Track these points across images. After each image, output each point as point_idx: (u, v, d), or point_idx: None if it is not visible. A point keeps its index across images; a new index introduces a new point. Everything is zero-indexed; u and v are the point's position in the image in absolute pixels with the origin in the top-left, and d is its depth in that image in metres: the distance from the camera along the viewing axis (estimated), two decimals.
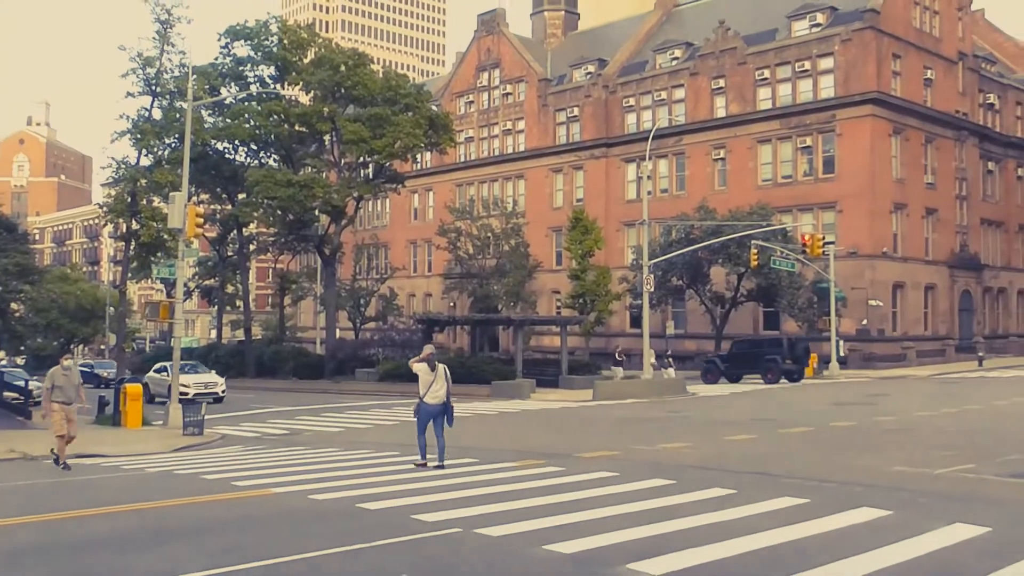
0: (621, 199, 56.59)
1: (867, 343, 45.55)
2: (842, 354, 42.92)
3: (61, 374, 16.05)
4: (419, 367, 14.65)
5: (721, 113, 52.31)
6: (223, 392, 34.92)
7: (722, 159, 51.92)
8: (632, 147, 55.42)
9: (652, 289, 38.94)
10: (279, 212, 47.17)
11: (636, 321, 51.49)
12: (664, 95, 54.87)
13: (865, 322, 45.68)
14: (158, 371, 36.62)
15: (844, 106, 46.80)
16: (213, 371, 38.31)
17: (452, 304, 63.26)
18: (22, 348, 76.71)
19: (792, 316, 43.80)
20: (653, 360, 37.28)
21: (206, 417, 23.18)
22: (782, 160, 49.68)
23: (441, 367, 14.67)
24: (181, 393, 27.90)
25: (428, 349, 12.97)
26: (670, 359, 41.13)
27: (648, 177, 47.27)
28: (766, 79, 50.07)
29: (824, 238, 40.64)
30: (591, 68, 59.88)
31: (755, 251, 38.03)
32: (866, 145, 46.29)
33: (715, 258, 43.67)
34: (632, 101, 56.61)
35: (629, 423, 22.30)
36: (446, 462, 14.20)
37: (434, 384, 14.50)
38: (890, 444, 16.37)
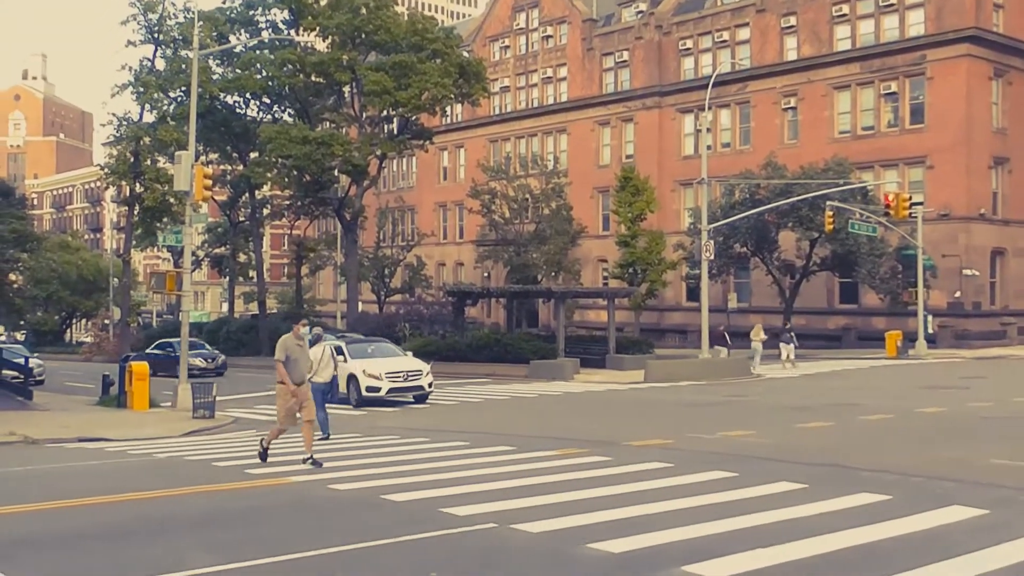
0: (677, 155, 56.08)
1: (960, 319, 44.82)
2: (931, 331, 42.26)
3: (295, 344, 13.54)
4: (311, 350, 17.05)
5: (792, 55, 51.49)
6: (430, 387, 25.26)
7: (792, 108, 51.20)
8: (689, 96, 54.79)
9: (712, 257, 38.60)
10: (295, 172, 47.48)
11: (693, 293, 51.20)
12: (726, 35, 54.12)
13: (958, 294, 44.92)
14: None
15: (936, 45, 45.75)
16: (409, 352, 28.26)
17: (486, 274, 63.34)
18: (21, 323, 78.48)
19: (872, 288, 43.27)
20: (762, 337, 36.64)
21: (217, 399, 23.53)
22: (862, 109, 48.86)
23: (326, 346, 18.10)
24: (369, 389, 24.23)
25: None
26: (791, 334, 37.84)
27: (707, 130, 46.79)
28: (844, 15, 49.13)
29: (911, 198, 40.00)
30: (642, 6, 59.18)
31: (830, 213, 37.54)
32: (961, 90, 45.27)
33: (784, 221, 43.21)
34: (689, 43, 55.90)
35: (685, 408, 22.22)
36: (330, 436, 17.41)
37: (322, 361, 17.75)
38: (986, 434, 16.11)
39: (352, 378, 24.76)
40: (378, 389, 24.42)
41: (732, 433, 16.40)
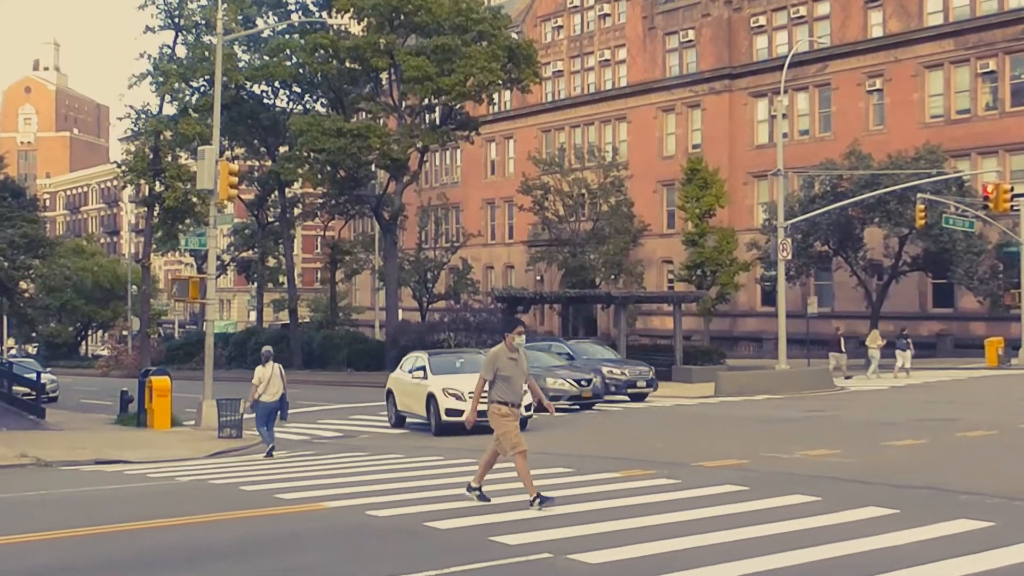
0: (749, 144, 55.69)
1: None
2: None
3: (508, 358, 12.04)
4: (257, 370, 19.93)
5: (877, 32, 50.90)
6: (528, 409, 21.27)
7: (878, 91, 50.62)
8: (763, 78, 54.37)
9: (789, 256, 38.24)
10: (328, 168, 47.95)
11: (769, 297, 50.72)
12: (803, 11, 53.68)
13: None
14: (413, 371, 24.59)
15: None
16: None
17: (539, 278, 63.37)
18: (33, 335, 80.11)
19: (970, 289, 42.59)
20: (880, 343, 36.40)
21: (245, 416, 23.83)
22: (957, 90, 48.14)
23: (276, 365, 19.78)
24: (450, 412, 21.45)
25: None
26: (908, 340, 37.19)
27: (783, 116, 46.39)
28: None
29: (1012, 188, 39.47)
30: None
31: (922, 207, 37.07)
32: None
33: (870, 216, 42.73)
34: (762, 20, 55.53)
35: (760, 424, 22.03)
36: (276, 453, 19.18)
37: (271, 382, 19.48)
38: None
39: (431, 398, 21.97)
40: (462, 412, 20.76)
41: (813, 452, 16.21)
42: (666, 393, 33.12)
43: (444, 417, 21.58)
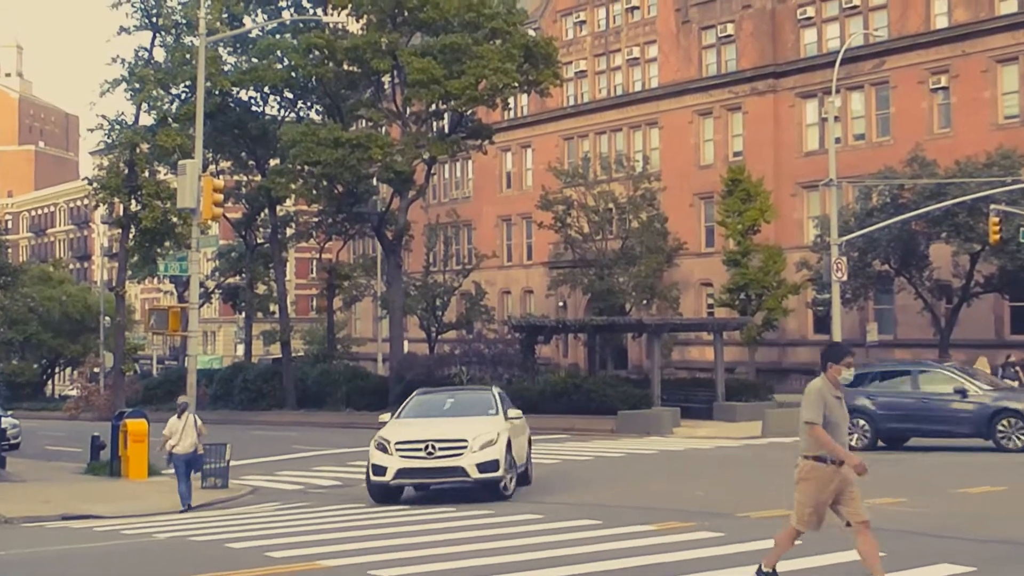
0: (797, 151, 55.63)
1: None
2: None
3: (833, 396, 10.65)
4: (170, 421, 21.68)
5: (942, 23, 50.81)
6: (499, 469, 19.07)
7: (944, 88, 50.48)
8: (812, 76, 54.34)
9: (845, 277, 38.07)
10: (324, 182, 48.12)
11: (822, 324, 50.41)
12: (857, 0, 53.68)
13: None
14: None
15: None
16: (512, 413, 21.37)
17: (561, 304, 63.29)
18: None
19: None
20: (987, 370, 36.39)
21: (232, 464, 23.83)
22: None
23: (191, 416, 21.35)
24: (376, 470, 19.14)
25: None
26: (1018, 369, 37.62)
27: (836, 118, 46.34)
28: None
29: None
30: None
31: (996, 219, 36.84)
32: None
33: (936, 231, 42.45)
34: (811, 11, 55.56)
35: None
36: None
37: (184, 433, 21.08)
38: None
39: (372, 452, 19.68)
40: (383, 471, 19.00)
41: (875, 500, 16.04)
42: (707, 433, 32.98)
43: (371, 476, 19.24)
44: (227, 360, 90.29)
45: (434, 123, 52.95)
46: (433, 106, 49.33)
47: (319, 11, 51.08)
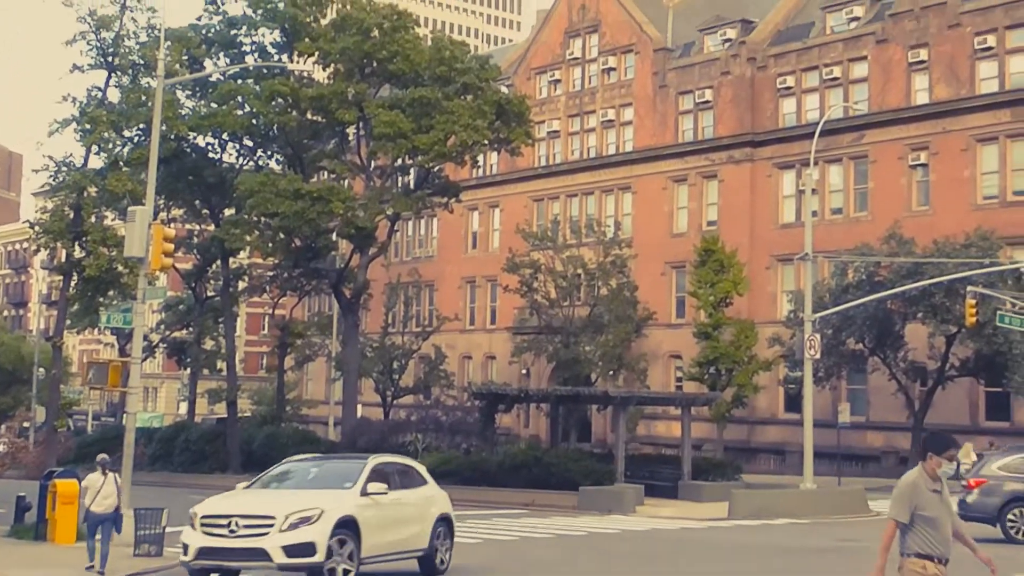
0: (773, 222, 56.12)
1: None
2: None
3: (930, 491, 10.29)
4: (89, 476, 20.89)
5: (923, 98, 51.75)
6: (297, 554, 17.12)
7: (923, 165, 51.25)
8: (790, 147, 55.02)
9: (818, 355, 38.21)
10: (281, 236, 47.99)
11: (793, 402, 50.61)
12: (837, 72, 54.58)
13: None
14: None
15: None
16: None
17: (524, 371, 63.15)
18: None
19: None
20: (973, 458, 36.75)
21: (168, 530, 23.43)
22: (1014, 168, 48.79)
23: (113, 475, 20.51)
24: (185, 548, 17.63)
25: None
26: None
27: (813, 191, 46.69)
28: (990, 49, 49.43)
29: None
30: (730, 33, 59.95)
31: (973, 301, 37.18)
32: None
33: (912, 311, 42.89)
34: (790, 80, 56.42)
35: (783, 556, 21.79)
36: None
37: (102, 491, 20.17)
38: None
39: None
40: (186, 549, 17.51)
41: None
42: (671, 513, 32.84)
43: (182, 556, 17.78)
44: (168, 419, 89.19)
45: (399, 178, 53.17)
46: (399, 161, 49.53)
47: (284, 57, 51.33)
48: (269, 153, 53.89)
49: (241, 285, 64.34)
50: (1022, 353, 41.19)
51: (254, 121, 49.48)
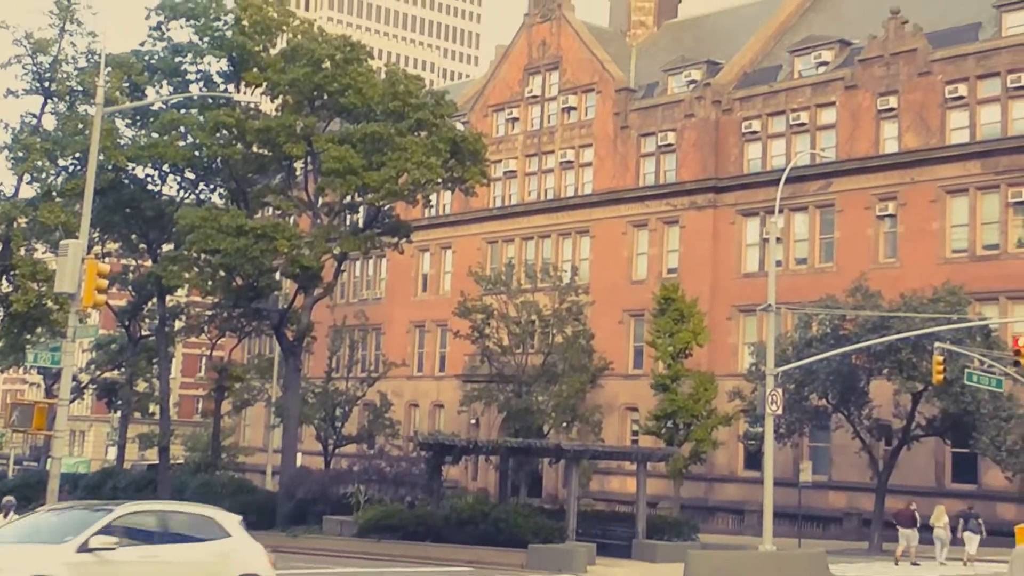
0: (735, 271, 56.55)
1: None
2: None
3: None
4: None
5: (892, 147, 52.45)
6: None
7: (891, 216, 51.84)
8: (754, 193, 55.60)
9: (779, 411, 38.49)
10: (222, 273, 47.77)
11: (753, 460, 50.85)
12: (805, 117, 55.25)
13: None
14: None
15: None
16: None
17: (473, 421, 63.06)
18: None
19: (997, 462, 43.01)
20: (945, 521, 37.16)
21: None
22: (984, 221, 49.46)
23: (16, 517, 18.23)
24: None
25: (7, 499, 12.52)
26: (979, 521, 39.53)
27: (777, 240, 47.10)
28: (961, 99, 50.25)
29: None
30: (696, 74, 60.67)
31: (940, 358, 37.59)
32: None
33: (878, 367, 43.22)
34: (756, 125, 57.02)
35: None
36: None
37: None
38: None
39: None
40: None
41: None
42: (624, 574, 32.82)
43: None
44: (96, 464, 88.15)
45: (348, 216, 53.14)
46: (348, 198, 49.53)
47: (231, 87, 51.25)
48: (212, 187, 53.70)
49: (178, 324, 63.95)
50: (990, 413, 41.48)
51: (197, 153, 49.35)
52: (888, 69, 52.60)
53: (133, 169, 50.61)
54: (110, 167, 46.17)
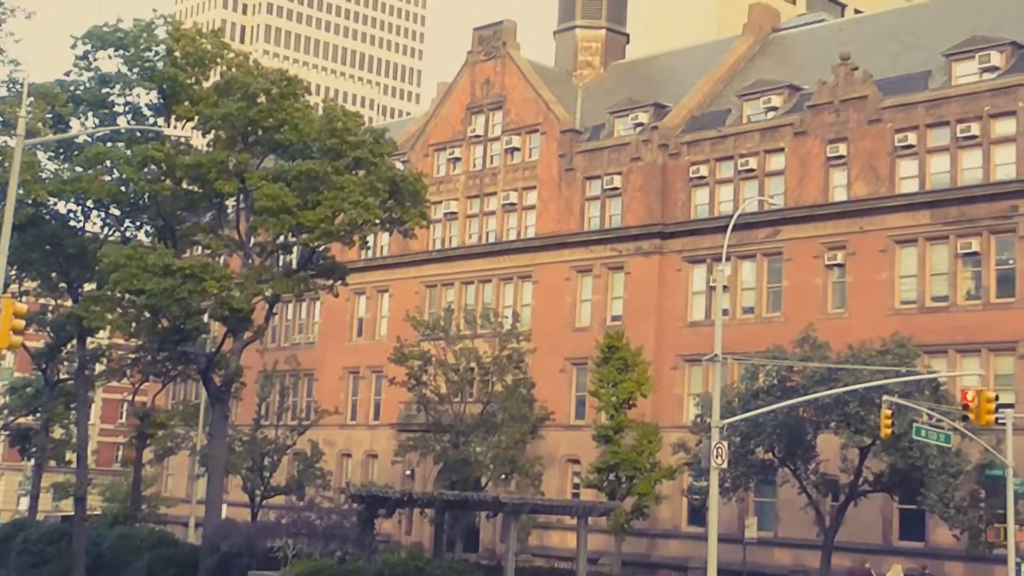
0: (681, 319, 56.85)
1: None
2: None
3: None
4: None
5: (840, 195, 52.97)
6: None
7: (839, 266, 52.26)
8: (701, 240, 56.00)
9: (725, 464, 38.63)
10: (147, 315, 47.44)
11: (697, 515, 50.90)
12: (753, 163, 55.69)
13: None
14: None
15: None
16: None
17: (409, 472, 62.78)
18: None
19: (945, 519, 43.32)
20: None
21: None
22: (933, 272, 49.98)
23: None
24: None
25: None
26: None
27: (724, 288, 47.49)
28: (911, 147, 50.89)
29: (997, 397, 40.28)
30: (643, 117, 61.05)
31: (888, 412, 37.84)
32: None
33: (825, 420, 43.38)
34: (704, 170, 57.42)
35: None
36: None
37: None
38: None
39: None
40: None
41: None
42: None
43: None
44: (6, 515, 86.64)
45: (281, 257, 53.07)
46: (282, 238, 49.50)
47: (161, 121, 51.16)
48: (138, 224, 53.42)
49: (98, 368, 63.27)
50: (938, 468, 41.71)
51: (123, 188, 49.13)
52: (838, 116, 53.20)
53: (55, 204, 50.32)
54: (30, 201, 45.89)
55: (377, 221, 48.97)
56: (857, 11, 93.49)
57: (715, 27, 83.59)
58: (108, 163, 48.90)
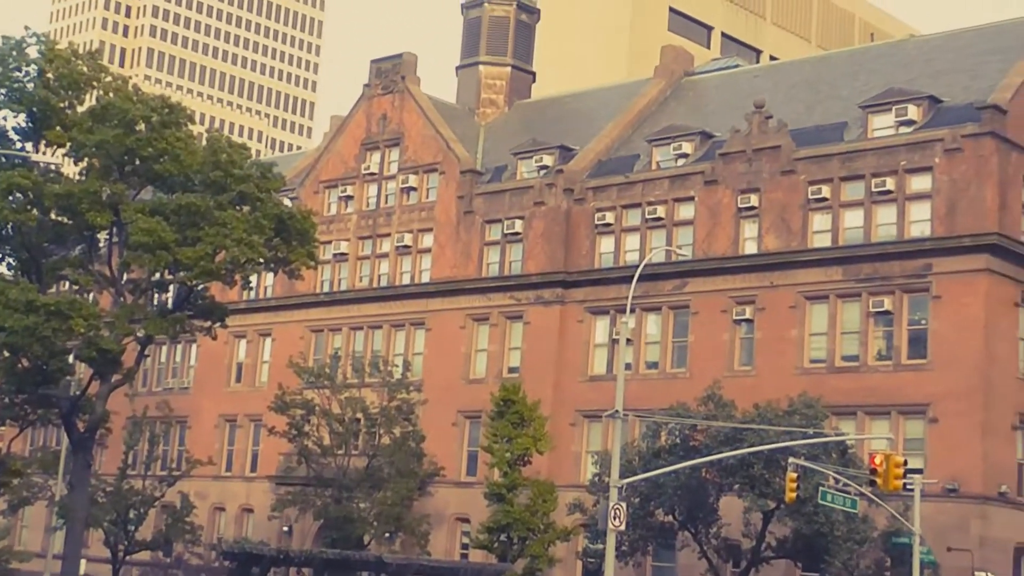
0: (581, 373, 57.12)
1: None
2: None
3: None
4: None
5: (751, 248, 53.67)
6: None
7: (748, 321, 52.87)
8: (605, 290, 56.37)
9: (623, 527, 38.76)
10: (7, 354, 46.63)
11: None
12: (661, 212, 56.21)
13: None
14: None
15: (945, 253, 48.29)
16: None
17: (287, 528, 62.15)
18: None
19: None
20: None
21: None
22: (844, 331, 50.74)
23: None
24: None
25: None
26: None
27: (628, 341, 47.73)
28: (824, 201, 51.70)
29: (905, 462, 40.80)
30: (548, 159, 61.40)
31: (794, 475, 38.26)
32: (978, 317, 47.61)
33: (728, 482, 43.79)
34: (610, 217, 57.86)
35: None
36: None
37: None
38: None
39: None
40: None
41: None
42: None
43: None
44: None
45: (156, 295, 52.52)
46: (157, 275, 49.04)
47: (29, 146, 50.47)
48: (0, 256, 52.57)
49: None
50: (844, 535, 42.20)
51: None
52: (750, 165, 53.77)
53: None
54: None
55: (261, 260, 48.68)
56: (773, 58, 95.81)
57: (626, 69, 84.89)
58: None
